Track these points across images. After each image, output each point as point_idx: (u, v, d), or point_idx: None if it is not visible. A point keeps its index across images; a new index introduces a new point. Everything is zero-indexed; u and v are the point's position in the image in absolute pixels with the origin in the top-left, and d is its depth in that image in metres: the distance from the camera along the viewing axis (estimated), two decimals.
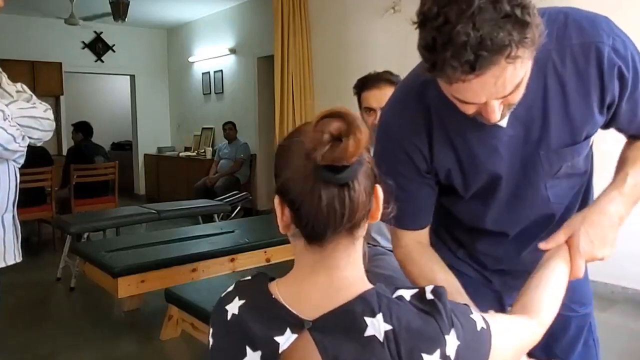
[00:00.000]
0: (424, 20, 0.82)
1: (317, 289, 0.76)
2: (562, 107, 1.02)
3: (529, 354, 0.96)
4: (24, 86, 1.85)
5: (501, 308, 1.33)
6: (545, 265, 1.02)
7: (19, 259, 1.89)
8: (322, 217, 0.72)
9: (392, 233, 1.23)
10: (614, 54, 0.99)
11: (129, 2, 6.07)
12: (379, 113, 2.05)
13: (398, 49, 4.52)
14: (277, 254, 3.66)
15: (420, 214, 1.19)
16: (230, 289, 0.83)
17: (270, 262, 3.63)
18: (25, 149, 1.80)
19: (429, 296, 0.75)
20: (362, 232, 0.77)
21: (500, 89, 0.85)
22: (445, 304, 0.74)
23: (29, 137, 1.77)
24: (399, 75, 2.08)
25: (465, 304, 0.80)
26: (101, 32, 8.25)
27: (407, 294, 0.75)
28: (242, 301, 0.79)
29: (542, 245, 1.04)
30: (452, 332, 0.72)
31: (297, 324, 0.73)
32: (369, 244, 1.95)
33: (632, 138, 1.17)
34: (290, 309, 0.74)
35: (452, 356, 0.71)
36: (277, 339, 0.72)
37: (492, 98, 0.87)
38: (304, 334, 0.72)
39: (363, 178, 0.74)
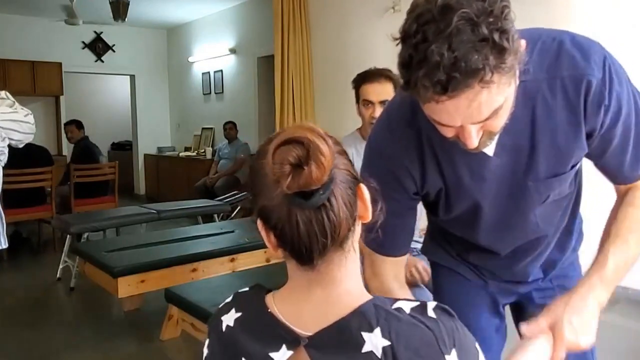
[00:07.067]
0: (404, 38, 0.82)
1: (313, 304, 0.74)
2: (550, 138, 1.01)
3: None
4: (8, 94, 2.10)
5: (495, 308, 1.35)
6: (528, 350, 0.99)
7: (5, 245, 2.16)
8: (305, 242, 0.70)
9: (368, 260, 1.18)
10: (602, 87, 0.97)
11: (129, 2, 6.07)
12: (377, 107, 2.06)
13: (398, 49, 4.51)
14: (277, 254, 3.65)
15: (406, 238, 1.18)
16: (228, 299, 0.82)
17: (270, 262, 3.62)
18: (7, 149, 2.06)
19: (431, 313, 0.71)
20: (351, 242, 0.74)
21: (475, 114, 0.82)
22: (446, 322, 0.71)
23: (10, 139, 2.03)
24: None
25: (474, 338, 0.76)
26: (101, 32, 8.25)
27: (407, 306, 0.72)
28: (239, 314, 0.78)
29: (524, 330, 1.02)
30: (454, 352, 0.69)
31: (293, 341, 0.72)
32: None
33: (618, 184, 1.15)
34: (287, 324, 0.73)
35: None
36: (273, 355, 0.71)
37: (467, 122, 0.85)
38: (300, 350, 0.71)
39: (341, 189, 0.70)
